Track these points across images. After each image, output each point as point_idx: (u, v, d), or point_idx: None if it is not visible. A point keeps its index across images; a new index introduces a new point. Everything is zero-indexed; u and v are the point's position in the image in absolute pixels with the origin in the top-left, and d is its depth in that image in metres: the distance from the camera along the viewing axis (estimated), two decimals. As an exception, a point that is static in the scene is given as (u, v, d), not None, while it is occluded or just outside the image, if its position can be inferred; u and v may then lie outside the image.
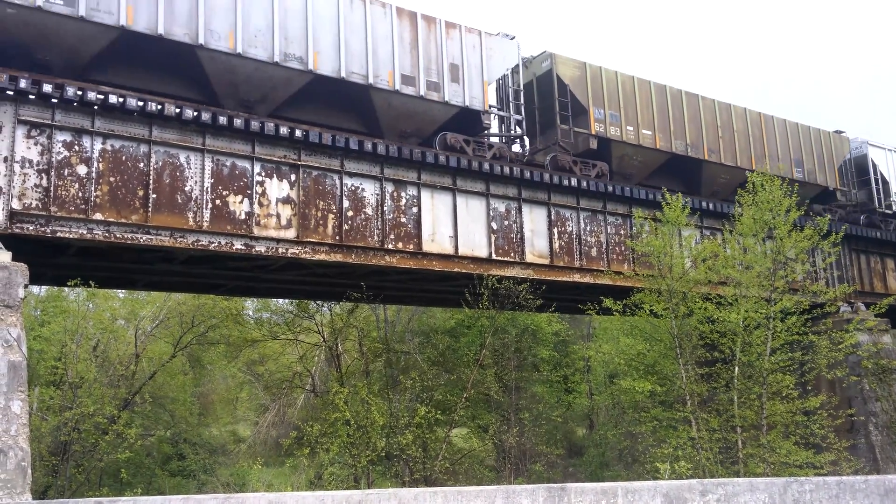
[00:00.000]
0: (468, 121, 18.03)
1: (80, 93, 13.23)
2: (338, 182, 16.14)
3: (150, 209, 13.91)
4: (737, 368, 18.21)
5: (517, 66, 19.11)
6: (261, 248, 15.01)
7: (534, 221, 18.78)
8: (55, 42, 13.54)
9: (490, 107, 18.32)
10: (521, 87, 19.32)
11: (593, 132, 19.59)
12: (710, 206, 21.68)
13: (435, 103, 17.30)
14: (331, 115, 17.07)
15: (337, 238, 15.87)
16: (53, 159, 13.21)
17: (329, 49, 15.89)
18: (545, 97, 19.87)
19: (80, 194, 13.37)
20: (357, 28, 16.31)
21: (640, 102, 20.70)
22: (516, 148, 19.50)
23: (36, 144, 13.15)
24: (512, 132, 19.04)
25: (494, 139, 18.93)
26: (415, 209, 17.01)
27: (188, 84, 15.41)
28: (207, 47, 14.51)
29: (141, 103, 13.77)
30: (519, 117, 19.01)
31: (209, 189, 14.60)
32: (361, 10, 16.45)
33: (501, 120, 19.19)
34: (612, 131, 19.80)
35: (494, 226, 18.05)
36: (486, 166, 17.71)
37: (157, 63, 14.93)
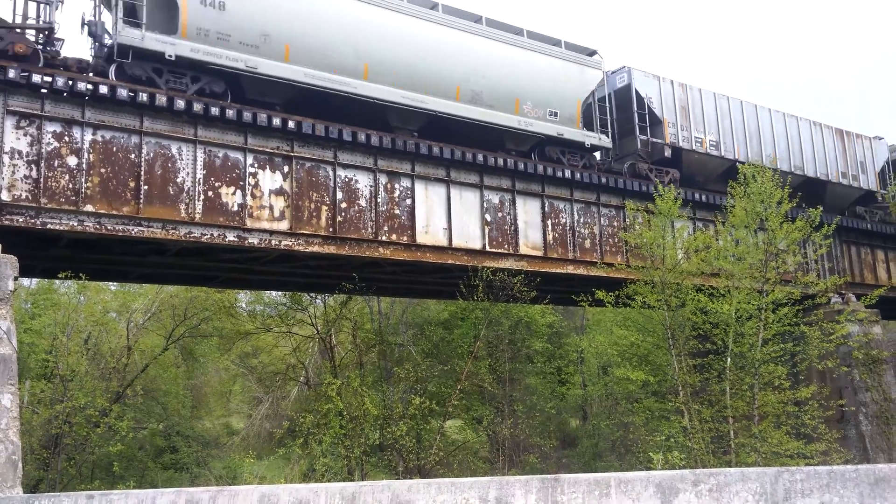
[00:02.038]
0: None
1: (70, 83, 13.10)
2: (331, 173, 16.07)
3: (141, 201, 13.81)
4: (729, 359, 18.28)
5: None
6: (254, 239, 14.94)
7: (528, 213, 18.76)
8: None
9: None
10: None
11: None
12: (703, 197, 21.73)
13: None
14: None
15: (330, 230, 15.81)
16: (43, 150, 13.10)
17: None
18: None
19: (71, 186, 13.27)
20: None
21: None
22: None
23: (25, 135, 13.03)
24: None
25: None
26: (409, 201, 16.97)
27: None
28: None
29: (132, 94, 13.66)
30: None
31: (201, 180, 14.51)
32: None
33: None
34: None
35: (488, 217, 18.02)
36: (480, 158, 17.67)
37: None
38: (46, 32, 13.51)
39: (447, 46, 17.58)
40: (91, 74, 13.95)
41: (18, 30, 13.19)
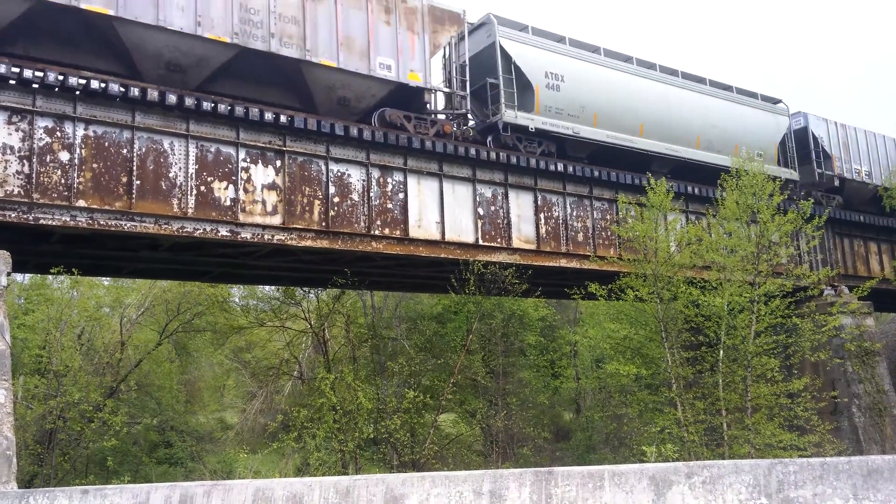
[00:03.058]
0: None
1: (61, 78, 13.03)
2: (323, 168, 16.04)
3: (134, 196, 13.77)
4: (721, 352, 18.36)
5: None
6: (246, 234, 14.92)
7: (520, 207, 18.77)
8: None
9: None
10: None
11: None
12: (696, 190, 21.78)
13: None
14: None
15: (323, 224, 15.80)
16: (35, 146, 13.04)
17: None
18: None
19: (63, 181, 13.21)
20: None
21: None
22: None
23: (17, 131, 12.96)
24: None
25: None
26: (401, 195, 16.95)
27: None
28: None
29: (123, 89, 13.60)
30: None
31: (194, 175, 14.47)
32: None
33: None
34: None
35: (481, 211, 18.03)
36: (473, 151, 17.66)
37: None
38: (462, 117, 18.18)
39: (689, 105, 22.14)
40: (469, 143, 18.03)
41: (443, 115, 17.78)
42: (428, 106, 17.65)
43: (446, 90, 18.13)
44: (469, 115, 18.32)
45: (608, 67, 20.63)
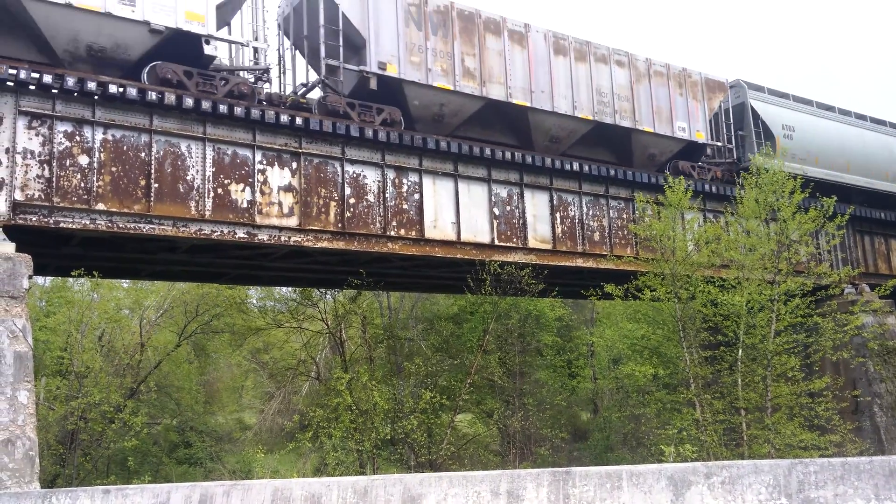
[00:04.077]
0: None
1: (79, 83, 13.17)
2: (339, 169, 16.10)
3: (152, 199, 13.89)
4: (740, 351, 18.21)
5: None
6: (263, 236, 15.00)
7: (536, 206, 18.73)
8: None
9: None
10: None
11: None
12: (713, 188, 21.62)
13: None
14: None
15: (339, 225, 15.85)
16: (55, 150, 13.19)
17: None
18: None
19: (83, 185, 13.35)
20: None
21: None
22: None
23: (37, 135, 13.12)
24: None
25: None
26: (416, 196, 16.98)
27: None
28: None
29: (141, 93, 13.72)
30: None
31: (211, 178, 14.58)
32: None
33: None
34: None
35: (496, 211, 18.01)
36: (488, 152, 17.64)
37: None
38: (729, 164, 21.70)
39: (879, 144, 26.36)
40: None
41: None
42: (703, 157, 22.16)
43: (717, 144, 22.17)
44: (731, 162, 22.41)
45: (821, 117, 25.05)
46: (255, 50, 15.41)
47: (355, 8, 15.98)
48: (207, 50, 14.34)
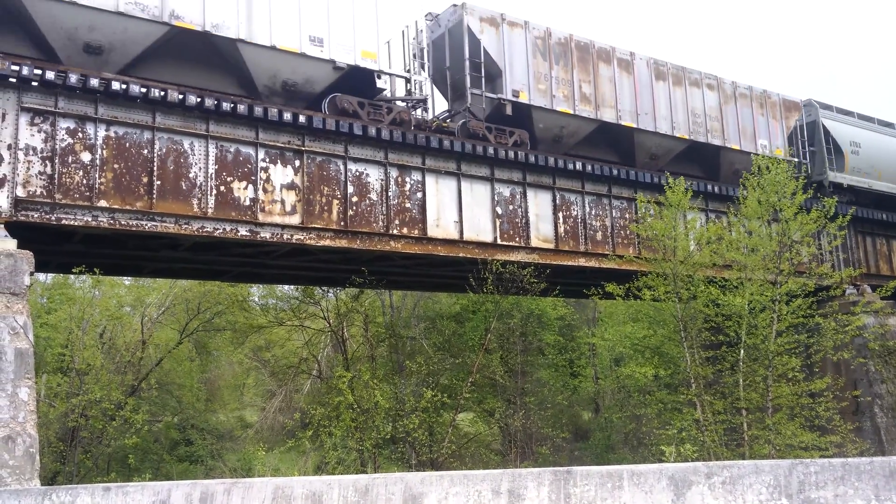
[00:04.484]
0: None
1: (82, 79, 13.18)
2: (342, 167, 16.10)
3: (154, 196, 13.90)
4: (742, 351, 18.20)
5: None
6: (266, 234, 15.01)
7: (539, 206, 18.73)
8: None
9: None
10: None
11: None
12: (716, 189, 21.63)
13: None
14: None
15: (342, 224, 15.85)
16: (57, 146, 13.20)
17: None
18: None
19: (85, 181, 13.36)
20: None
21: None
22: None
23: (39, 132, 13.13)
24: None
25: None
26: (419, 194, 16.98)
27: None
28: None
29: (144, 90, 13.73)
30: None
31: (213, 175, 14.58)
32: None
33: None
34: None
35: (499, 210, 18.01)
36: (491, 150, 17.64)
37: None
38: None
39: None
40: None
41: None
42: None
43: (794, 159, 23.72)
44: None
45: (883, 134, 26.65)
46: (407, 80, 17.15)
47: (493, 42, 17.96)
48: (378, 84, 16.37)
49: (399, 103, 17.03)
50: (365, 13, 15.90)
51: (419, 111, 17.61)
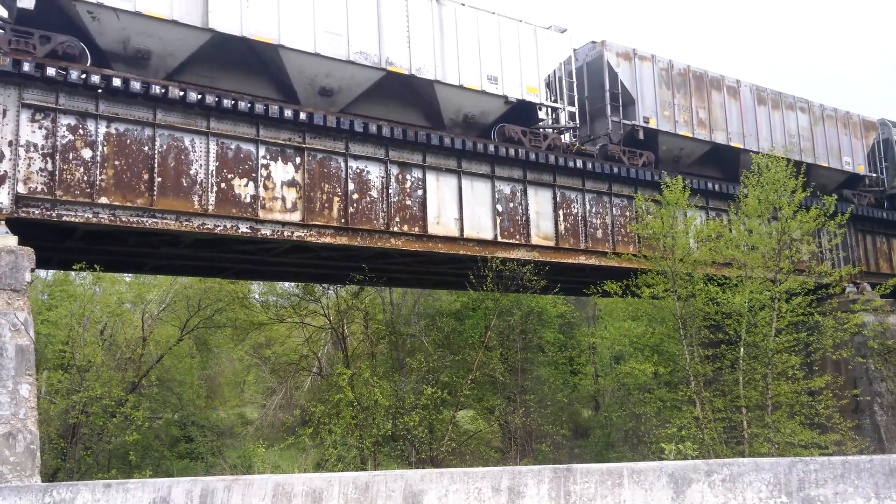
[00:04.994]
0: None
1: (83, 76, 13.18)
2: (343, 165, 16.10)
3: (155, 193, 13.90)
4: (742, 349, 18.21)
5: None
6: (266, 231, 15.02)
7: (539, 203, 18.73)
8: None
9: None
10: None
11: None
12: (715, 187, 21.64)
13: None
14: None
15: (342, 221, 15.86)
16: (58, 143, 13.20)
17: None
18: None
19: (86, 178, 13.37)
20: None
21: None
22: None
23: (40, 128, 13.13)
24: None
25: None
26: (420, 192, 16.98)
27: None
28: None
29: (144, 86, 13.73)
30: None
31: (214, 172, 14.58)
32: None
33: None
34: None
35: (500, 208, 18.01)
36: (491, 148, 17.65)
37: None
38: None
39: None
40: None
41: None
42: (860, 186, 26.20)
43: (873, 175, 26.27)
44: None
45: None
46: (558, 110, 19.31)
47: (627, 74, 20.46)
48: (540, 115, 18.90)
49: (549, 130, 19.16)
50: (528, 53, 18.41)
51: (566, 136, 19.78)
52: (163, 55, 14.42)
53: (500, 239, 17.86)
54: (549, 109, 19.05)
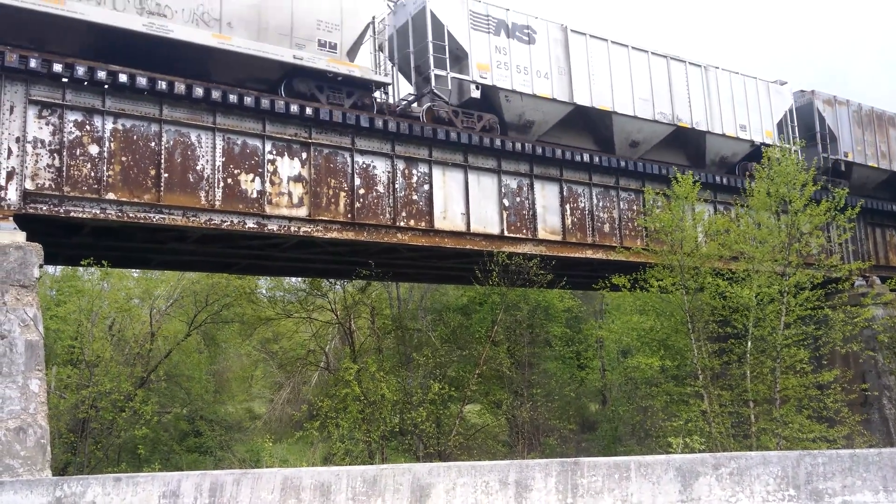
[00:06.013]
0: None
1: (89, 72, 13.21)
2: (349, 160, 16.10)
3: (162, 188, 13.94)
4: (749, 343, 18.14)
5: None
6: (273, 226, 15.04)
7: (546, 198, 18.70)
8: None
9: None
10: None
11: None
12: (724, 180, 21.55)
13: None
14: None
15: (349, 216, 15.87)
16: (65, 139, 13.25)
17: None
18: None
19: (93, 174, 13.41)
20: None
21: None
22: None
23: (48, 124, 13.17)
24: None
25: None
26: (426, 186, 16.97)
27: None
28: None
29: (150, 82, 13.75)
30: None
31: (220, 168, 14.61)
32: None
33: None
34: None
35: (506, 202, 17.98)
36: (498, 142, 17.61)
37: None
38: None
39: None
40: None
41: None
42: None
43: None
44: None
45: None
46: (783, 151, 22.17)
47: (831, 117, 24.80)
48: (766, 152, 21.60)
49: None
50: (764, 104, 22.66)
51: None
52: (540, 123, 18.86)
53: (506, 233, 17.84)
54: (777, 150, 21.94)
